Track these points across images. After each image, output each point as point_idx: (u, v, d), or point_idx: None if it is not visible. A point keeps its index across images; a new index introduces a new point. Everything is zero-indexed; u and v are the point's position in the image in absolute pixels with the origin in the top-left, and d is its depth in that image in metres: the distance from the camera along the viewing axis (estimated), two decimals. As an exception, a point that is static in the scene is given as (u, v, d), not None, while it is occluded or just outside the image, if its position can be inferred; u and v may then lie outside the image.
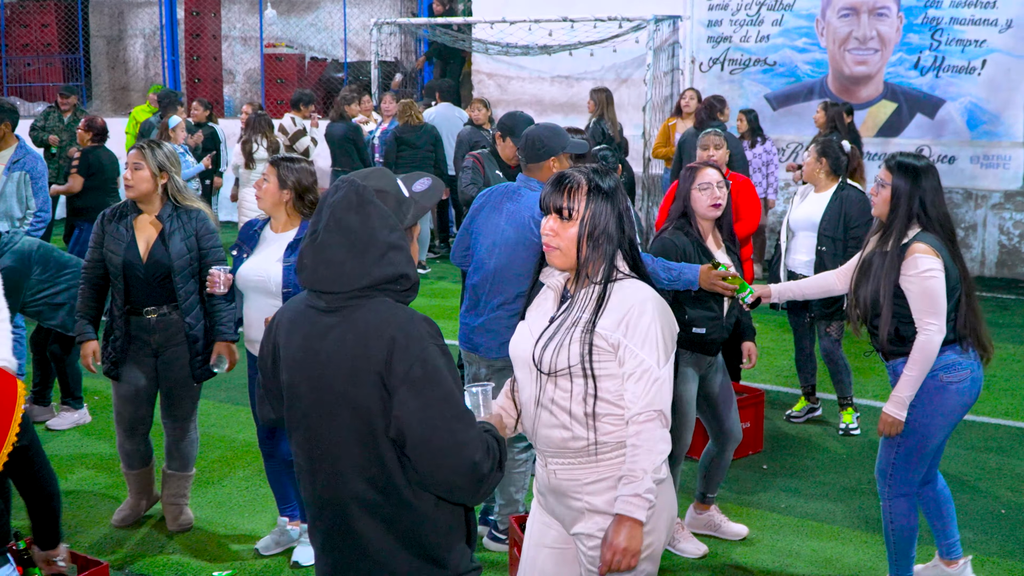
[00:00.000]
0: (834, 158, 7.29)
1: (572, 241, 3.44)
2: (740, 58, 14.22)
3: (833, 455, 7.14)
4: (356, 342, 2.85)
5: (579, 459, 3.45)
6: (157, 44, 19.59)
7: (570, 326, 3.42)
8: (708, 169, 5.46)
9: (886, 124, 13.51)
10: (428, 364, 2.81)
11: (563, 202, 3.43)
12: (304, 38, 19.28)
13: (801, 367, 7.79)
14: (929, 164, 4.75)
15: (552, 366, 3.41)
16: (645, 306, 3.39)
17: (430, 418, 2.80)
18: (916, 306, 4.63)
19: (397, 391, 2.80)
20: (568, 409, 3.42)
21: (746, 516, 6.12)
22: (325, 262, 2.90)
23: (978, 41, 12.91)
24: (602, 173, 3.51)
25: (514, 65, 15.46)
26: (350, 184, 2.94)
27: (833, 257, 7.14)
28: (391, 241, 2.90)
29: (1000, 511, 6.17)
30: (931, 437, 4.79)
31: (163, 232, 5.58)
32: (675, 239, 5.37)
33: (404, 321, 2.86)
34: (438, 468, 2.82)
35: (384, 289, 2.90)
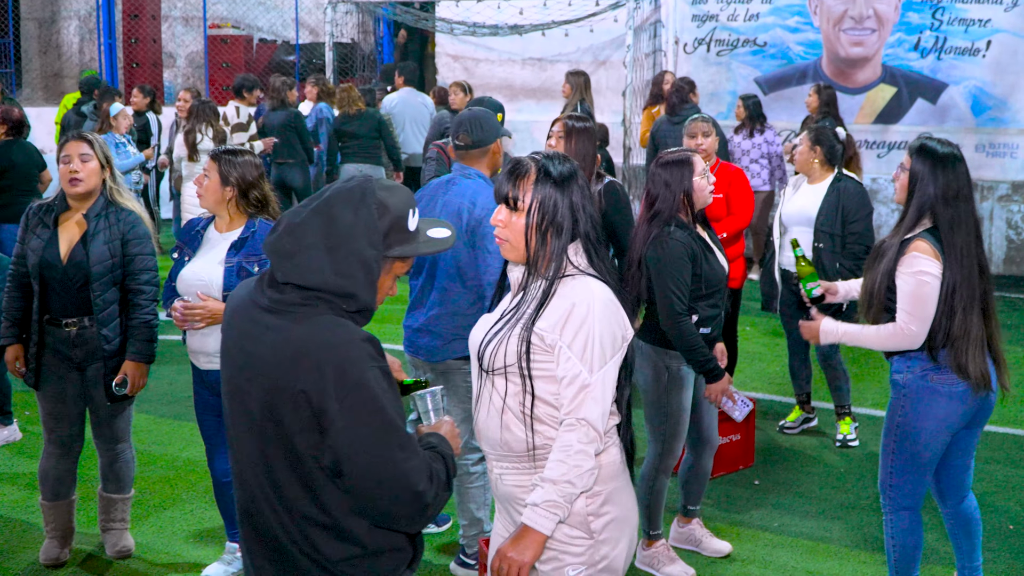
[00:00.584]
0: (829, 146, 7.31)
1: (520, 233, 3.46)
2: (728, 38, 14.26)
3: (830, 469, 7.18)
4: (290, 356, 2.84)
5: (521, 463, 3.53)
6: (93, 27, 19.46)
7: (514, 323, 3.48)
8: (696, 155, 5.52)
9: (885, 110, 13.59)
10: (367, 390, 2.82)
11: (511, 191, 3.45)
12: (252, 18, 19.22)
13: (795, 374, 7.81)
14: (953, 153, 4.73)
15: (491, 363, 3.49)
16: (587, 307, 3.42)
17: (369, 448, 2.81)
18: (901, 303, 4.69)
19: (334, 419, 2.80)
20: (509, 408, 3.50)
21: (736, 535, 6.14)
22: (293, 237, 2.91)
23: (983, 20, 13.00)
24: (558, 159, 3.52)
25: (482, 46, 15.46)
26: (365, 182, 2.98)
27: (831, 254, 7.17)
28: (364, 256, 2.89)
29: (1008, 527, 6.21)
30: (926, 444, 4.81)
31: (86, 232, 5.43)
32: (681, 238, 5.36)
33: (344, 342, 2.84)
34: (379, 499, 2.86)
35: (330, 302, 2.89)
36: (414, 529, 3.00)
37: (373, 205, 2.92)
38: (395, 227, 2.96)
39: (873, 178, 13.37)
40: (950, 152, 4.72)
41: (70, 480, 5.79)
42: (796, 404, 7.93)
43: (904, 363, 4.82)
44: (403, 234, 2.98)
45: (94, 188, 5.50)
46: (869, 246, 7.25)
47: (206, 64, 18.25)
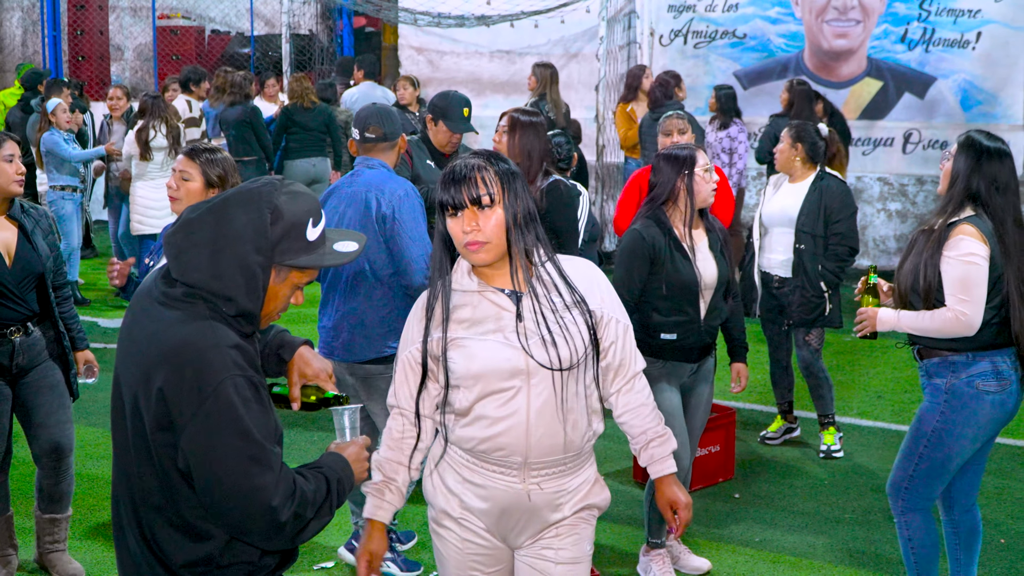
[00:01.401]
0: (810, 143, 7.36)
1: (500, 229, 3.45)
2: (706, 30, 14.30)
3: (814, 481, 7.21)
4: (157, 350, 2.89)
5: (577, 461, 3.64)
6: (37, 18, 19.34)
7: (553, 314, 3.50)
8: (700, 151, 5.56)
9: (870, 105, 13.66)
10: (223, 398, 2.82)
11: (480, 190, 3.43)
12: (203, 8, 19.14)
13: (777, 382, 7.85)
14: (1000, 148, 4.83)
15: (571, 359, 3.50)
16: (596, 273, 3.67)
17: (220, 457, 2.83)
18: (949, 288, 4.75)
19: (187, 424, 2.83)
20: (584, 400, 3.60)
21: (716, 550, 6.17)
22: (185, 233, 2.96)
23: (972, 11, 13.08)
24: (490, 154, 3.56)
25: (447, 38, 15.45)
26: (267, 185, 2.99)
27: (813, 256, 7.22)
28: (247, 261, 2.91)
29: (1000, 540, 6.26)
30: (959, 450, 4.89)
31: (25, 230, 5.45)
32: (644, 232, 5.44)
33: (209, 347, 2.86)
34: (229, 510, 2.87)
35: (211, 302, 2.92)
36: (270, 546, 3.00)
37: (267, 210, 2.93)
38: (290, 235, 2.96)
39: (858, 176, 13.43)
40: (996, 146, 4.84)
41: (3, 494, 5.75)
42: (778, 414, 7.96)
43: (945, 366, 4.87)
44: (300, 243, 2.98)
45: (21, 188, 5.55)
46: (853, 248, 7.30)
47: (155, 57, 18.16)
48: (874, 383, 9.08)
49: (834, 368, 8.86)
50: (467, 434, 3.58)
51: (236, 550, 3.00)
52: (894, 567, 5.97)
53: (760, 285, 7.61)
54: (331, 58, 17.45)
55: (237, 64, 17.12)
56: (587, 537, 3.72)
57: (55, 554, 5.83)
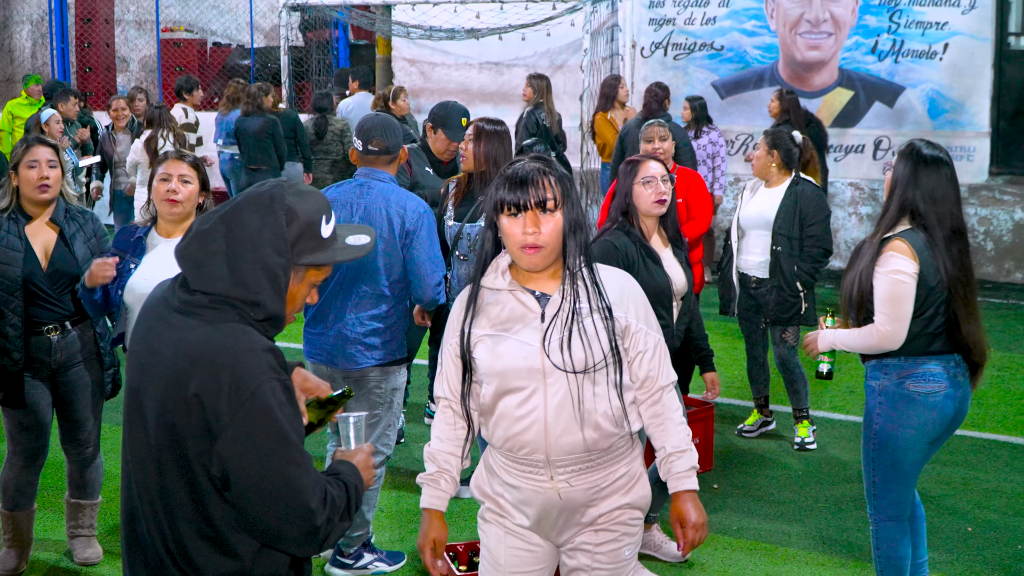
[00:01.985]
0: (786, 150, 7.37)
1: (558, 235, 3.43)
2: (685, 42, 14.32)
3: (788, 472, 7.22)
4: (188, 357, 2.78)
5: (600, 461, 3.56)
6: (45, 31, 19.32)
7: (578, 319, 3.46)
8: (651, 162, 5.50)
9: (842, 113, 13.68)
10: (262, 401, 2.74)
11: (547, 193, 3.39)
12: (205, 22, 19.12)
13: (753, 377, 7.86)
14: (937, 157, 4.78)
15: (585, 363, 3.45)
16: (633, 285, 3.61)
17: (260, 460, 2.74)
18: (877, 303, 4.72)
19: (225, 428, 2.73)
20: (607, 403, 3.51)
21: (696, 540, 6.16)
22: (200, 244, 2.86)
23: (940, 23, 13.10)
24: (546, 159, 3.53)
25: (438, 51, 15.45)
26: (276, 187, 2.91)
27: (789, 258, 7.23)
28: (269, 263, 2.83)
29: (967, 529, 6.27)
30: (906, 452, 4.83)
31: (63, 235, 5.44)
32: (615, 241, 5.41)
33: (244, 350, 2.77)
34: (266, 514, 2.77)
35: (238, 308, 2.83)
36: (303, 552, 2.90)
37: (281, 212, 2.85)
38: (305, 234, 2.88)
39: (831, 181, 13.44)
40: (933, 155, 4.78)
41: (30, 491, 5.75)
42: (754, 408, 7.97)
43: (880, 369, 4.84)
44: (315, 241, 2.91)
45: (56, 195, 5.48)
46: (827, 249, 7.31)
47: (159, 68, 18.14)
48: (846, 379, 9.08)
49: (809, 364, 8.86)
50: (495, 433, 3.58)
51: (266, 560, 2.89)
52: (866, 554, 5.96)
53: (738, 285, 7.61)
54: (327, 69, 17.42)
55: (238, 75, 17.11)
56: (629, 542, 3.66)
57: (78, 539, 5.87)
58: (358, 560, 5.78)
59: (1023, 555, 5.98)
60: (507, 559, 3.70)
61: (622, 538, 3.63)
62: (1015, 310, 11.65)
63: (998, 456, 7.42)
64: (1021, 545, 6.10)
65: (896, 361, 4.79)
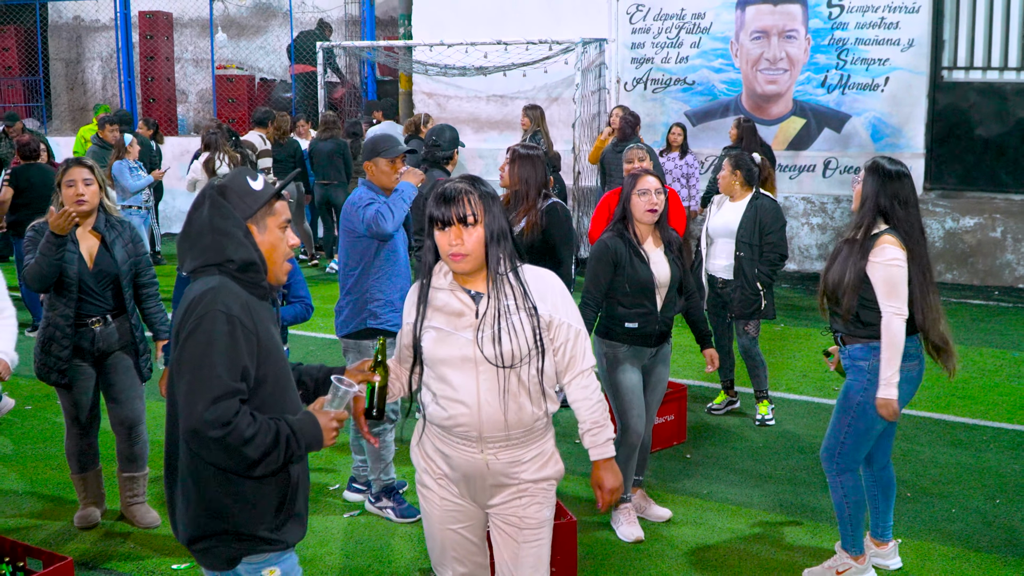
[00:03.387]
0: (747, 170, 7.38)
1: (479, 244, 3.43)
2: (662, 78, 14.32)
3: (751, 444, 7.21)
4: (179, 310, 3.04)
5: (524, 439, 3.55)
6: (114, 66, 19.31)
7: (507, 316, 3.45)
8: (648, 176, 5.54)
9: (796, 138, 13.67)
10: (202, 324, 2.92)
11: (465, 210, 3.41)
12: (253, 60, 19.12)
13: (720, 363, 7.84)
14: (900, 171, 4.82)
15: (513, 356, 3.45)
16: (556, 283, 3.59)
17: (182, 364, 2.92)
18: (879, 291, 4.75)
19: (180, 342, 2.95)
20: (528, 390, 3.50)
21: (672, 501, 6.16)
22: (179, 247, 3.14)
23: (881, 60, 13.10)
24: (474, 179, 3.53)
25: (452, 85, 15.45)
26: (206, 186, 3.14)
27: (750, 262, 7.24)
28: (223, 228, 3.04)
29: (907, 494, 6.25)
30: (879, 419, 4.88)
31: (105, 241, 5.50)
32: (609, 242, 5.50)
33: (208, 290, 2.98)
34: (182, 406, 2.92)
35: (221, 267, 3.04)
36: (209, 457, 2.93)
37: (215, 193, 3.08)
38: (241, 195, 3.09)
39: (786, 196, 13.45)
40: (897, 170, 4.83)
41: (92, 453, 5.79)
42: (721, 389, 7.97)
43: (867, 351, 4.85)
44: (251, 196, 3.11)
45: (95, 207, 5.53)
46: (783, 254, 7.31)
47: (214, 100, 18.13)
48: (800, 364, 9.07)
49: (768, 352, 8.86)
50: (435, 412, 3.58)
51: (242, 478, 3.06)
52: (817, 514, 5.97)
53: (707, 285, 7.62)
54: (357, 101, 17.41)
55: (281, 106, 17.10)
56: (548, 504, 3.68)
57: (135, 506, 5.84)
58: (377, 501, 5.82)
59: (955, 517, 5.97)
60: (441, 514, 3.70)
61: (543, 501, 3.65)
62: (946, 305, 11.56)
63: (931, 432, 7.41)
64: (955, 509, 6.08)
65: (880, 344, 4.80)
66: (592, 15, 14.41)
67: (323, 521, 5.88)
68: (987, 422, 7.61)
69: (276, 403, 3.09)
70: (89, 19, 19.79)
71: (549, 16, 14.57)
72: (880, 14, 13.05)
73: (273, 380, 3.07)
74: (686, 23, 14.07)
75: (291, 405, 3.15)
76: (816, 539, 5.68)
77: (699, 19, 13.99)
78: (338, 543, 5.64)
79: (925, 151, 13.05)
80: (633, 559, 5.47)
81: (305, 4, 18.59)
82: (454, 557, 3.75)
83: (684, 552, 5.55)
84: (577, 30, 14.10)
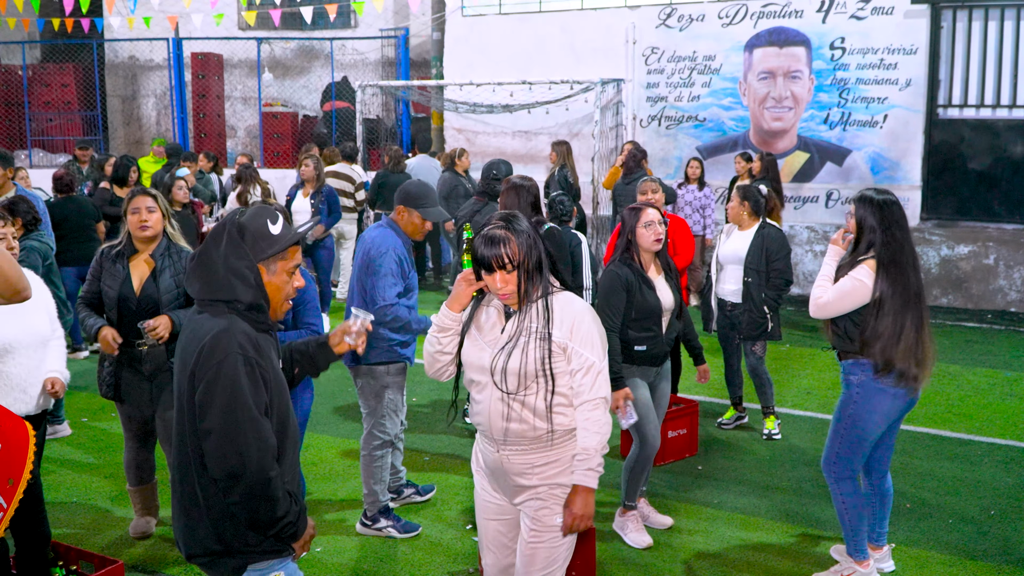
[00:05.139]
0: (755, 201, 7.36)
1: (516, 283, 3.53)
2: (675, 115, 14.31)
3: (758, 457, 7.15)
4: (189, 341, 2.97)
5: (533, 446, 3.59)
6: (167, 103, 19.49)
7: (526, 338, 3.52)
8: (650, 209, 5.53)
9: (800, 171, 13.62)
10: (223, 369, 2.87)
11: (504, 259, 3.49)
12: (297, 98, 19.25)
13: (730, 381, 7.81)
14: (887, 199, 4.80)
15: (518, 373, 3.52)
16: (583, 315, 3.57)
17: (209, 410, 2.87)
18: (833, 287, 4.80)
19: (197, 385, 2.89)
20: (532, 406, 3.54)
21: (684, 510, 6.12)
22: (188, 277, 3.07)
23: (881, 98, 13.05)
24: (510, 216, 3.58)
25: (480, 121, 15.51)
26: (226, 220, 3.07)
27: (757, 287, 7.21)
28: (235, 267, 2.98)
29: (906, 505, 6.19)
30: (870, 431, 4.87)
31: (155, 269, 5.40)
32: (619, 271, 5.48)
33: (220, 332, 2.92)
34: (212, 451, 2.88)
35: (228, 303, 2.98)
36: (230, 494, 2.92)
37: (234, 229, 3.01)
38: (258, 238, 3.03)
39: (791, 225, 13.39)
40: (885, 198, 4.81)
41: (148, 467, 5.75)
42: (731, 405, 7.91)
43: (859, 367, 4.85)
44: (267, 240, 3.04)
45: (158, 233, 5.47)
46: (788, 280, 7.28)
47: (261, 134, 18.26)
48: (804, 382, 9.01)
49: (774, 371, 8.81)
50: (471, 408, 3.73)
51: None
52: (821, 524, 5.91)
53: (716, 308, 7.60)
54: (393, 136, 17.50)
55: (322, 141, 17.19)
56: (557, 511, 3.64)
57: None
58: (375, 523, 5.77)
59: (951, 527, 5.90)
60: (481, 504, 3.87)
61: (553, 506, 3.64)
62: (941, 328, 11.52)
63: (929, 446, 7.33)
64: (951, 519, 6.01)
65: (872, 361, 4.79)
66: (611, 57, 14.43)
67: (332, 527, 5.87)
68: (982, 437, 7.53)
69: (280, 429, 3.06)
70: (143, 59, 19.99)
71: (571, 58, 14.61)
72: (879, 55, 13.01)
73: (278, 407, 3.06)
74: (698, 64, 14.07)
75: (292, 430, 3.14)
76: (820, 547, 5.62)
77: (710, 61, 13.99)
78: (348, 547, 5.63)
79: (922, 183, 12.97)
80: (645, 565, 5.42)
81: (345, 47, 18.72)
82: (487, 546, 3.90)
83: (694, 559, 5.51)
84: (596, 71, 14.14)
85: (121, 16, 18.61)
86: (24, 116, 18.66)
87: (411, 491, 6.20)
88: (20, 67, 19.02)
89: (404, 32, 17.79)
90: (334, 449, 7.22)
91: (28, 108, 18.61)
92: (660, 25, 14.23)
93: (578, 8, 14.69)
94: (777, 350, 10.03)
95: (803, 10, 13.41)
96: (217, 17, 17.55)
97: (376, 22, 18.39)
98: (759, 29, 13.68)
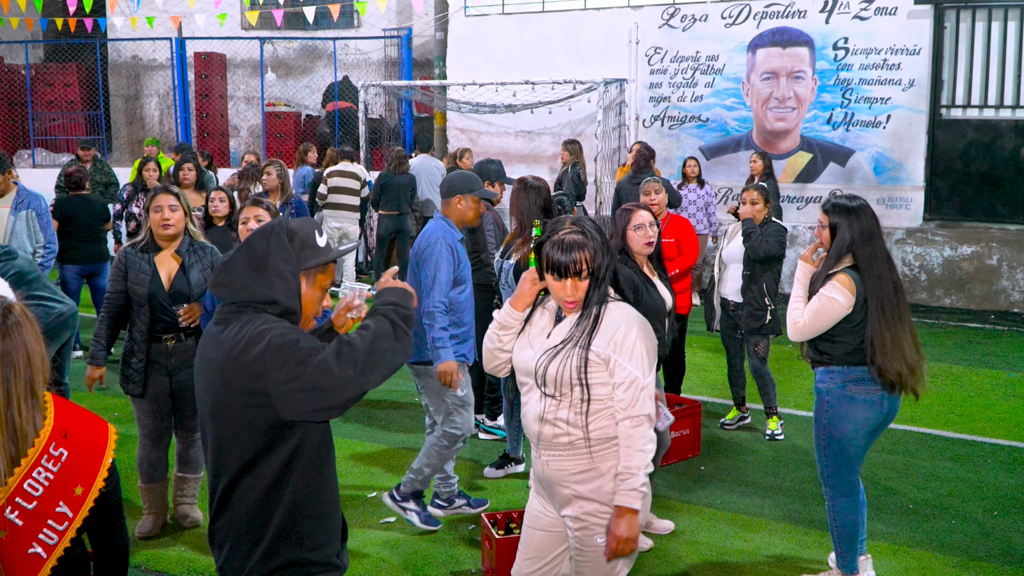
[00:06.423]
0: (775, 203, 7.35)
1: (584, 291, 3.48)
2: (678, 115, 14.30)
3: (761, 458, 7.14)
4: (231, 345, 2.82)
5: (568, 452, 3.52)
6: (170, 103, 19.48)
7: (571, 346, 3.46)
8: (641, 211, 5.49)
9: (803, 172, 13.61)
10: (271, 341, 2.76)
11: (581, 265, 3.44)
12: (300, 98, 19.25)
13: (733, 381, 7.81)
14: (859, 205, 4.71)
15: (555, 379, 3.46)
16: (632, 328, 3.47)
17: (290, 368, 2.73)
18: (807, 308, 4.71)
19: (267, 367, 2.74)
20: (567, 412, 3.48)
21: (686, 511, 6.10)
22: (227, 270, 2.95)
23: (883, 99, 13.04)
24: (584, 221, 3.53)
25: (483, 122, 15.50)
26: (276, 221, 3.03)
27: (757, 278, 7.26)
28: (280, 270, 2.91)
29: (908, 506, 6.18)
30: (849, 442, 4.78)
31: (183, 265, 5.50)
32: (622, 270, 5.41)
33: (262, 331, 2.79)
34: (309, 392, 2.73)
35: (259, 308, 2.90)
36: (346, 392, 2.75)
37: (283, 233, 2.96)
38: (305, 246, 2.97)
39: (794, 226, 13.38)
40: (858, 204, 4.72)
41: (161, 466, 5.77)
42: (734, 405, 7.91)
43: (826, 374, 4.79)
44: (313, 250, 2.99)
45: (180, 231, 5.54)
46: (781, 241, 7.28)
47: (264, 134, 18.26)
48: (807, 383, 9.00)
49: (777, 371, 8.80)
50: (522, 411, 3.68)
51: (309, 507, 2.94)
52: (823, 524, 5.90)
53: (719, 308, 7.59)
54: (395, 136, 17.49)
55: (325, 140, 17.19)
56: (597, 532, 3.52)
57: (182, 505, 5.88)
58: (403, 501, 5.76)
59: (955, 528, 5.89)
60: (529, 511, 3.80)
61: (592, 527, 3.54)
62: (944, 328, 11.51)
63: (932, 447, 7.32)
64: (954, 520, 6.00)
65: (840, 369, 4.75)
66: (613, 57, 14.43)
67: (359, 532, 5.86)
68: (984, 438, 7.51)
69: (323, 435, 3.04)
70: (147, 58, 19.99)
71: (574, 58, 14.60)
72: (883, 56, 12.99)
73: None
74: (701, 64, 14.06)
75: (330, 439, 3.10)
76: (821, 547, 5.61)
77: (713, 61, 13.98)
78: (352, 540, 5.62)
79: (925, 184, 12.95)
80: (646, 565, 5.41)
81: (348, 47, 18.72)
82: (528, 556, 3.78)
83: (697, 558, 5.50)
84: (599, 71, 14.13)
85: (124, 16, 18.60)
86: (27, 115, 18.66)
87: (463, 502, 6.05)
88: (23, 66, 19.02)
89: (407, 32, 17.79)
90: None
91: (31, 108, 18.61)
92: (663, 25, 14.22)
93: (581, 8, 14.69)
94: (780, 350, 10.02)
95: (806, 10, 13.40)
96: (220, 17, 17.54)
97: (379, 22, 18.38)
98: (762, 29, 13.67)
